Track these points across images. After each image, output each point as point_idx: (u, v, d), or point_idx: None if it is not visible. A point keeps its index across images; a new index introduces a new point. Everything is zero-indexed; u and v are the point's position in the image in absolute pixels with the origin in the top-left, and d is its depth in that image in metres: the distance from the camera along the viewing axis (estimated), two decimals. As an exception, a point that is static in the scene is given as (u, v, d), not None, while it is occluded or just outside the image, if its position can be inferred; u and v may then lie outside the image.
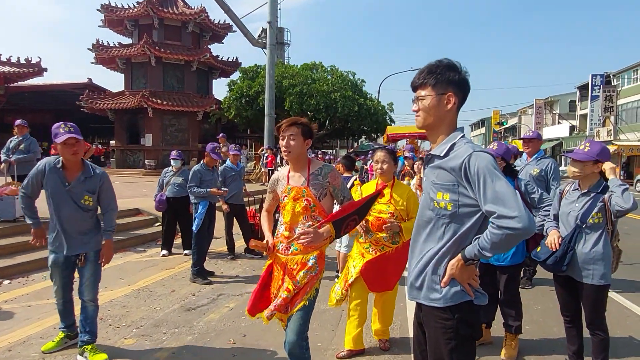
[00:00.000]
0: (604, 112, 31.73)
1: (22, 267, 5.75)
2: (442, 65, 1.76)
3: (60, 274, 3.28)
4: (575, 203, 2.92)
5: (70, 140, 3.03)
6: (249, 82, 24.09)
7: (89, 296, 3.28)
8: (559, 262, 2.89)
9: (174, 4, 22.36)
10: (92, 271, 3.27)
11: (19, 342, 3.64)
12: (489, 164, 1.63)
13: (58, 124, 3.09)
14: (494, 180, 1.60)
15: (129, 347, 3.56)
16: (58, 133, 3.03)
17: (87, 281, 3.26)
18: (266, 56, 18.48)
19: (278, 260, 2.59)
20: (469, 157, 1.66)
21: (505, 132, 56.25)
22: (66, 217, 3.16)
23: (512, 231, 1.53)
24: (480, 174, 1.62)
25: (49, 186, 3.13)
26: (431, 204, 1.78)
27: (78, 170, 3.18)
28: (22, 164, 6.97)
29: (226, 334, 3.88)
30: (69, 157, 3.09)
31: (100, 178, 3.28)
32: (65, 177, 3.14)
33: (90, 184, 3.21)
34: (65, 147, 3.04)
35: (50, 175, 3.12)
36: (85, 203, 3.19)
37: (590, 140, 2.96)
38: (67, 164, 3.14)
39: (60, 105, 25.05)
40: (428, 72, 1.78)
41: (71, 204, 3.15)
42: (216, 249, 7.11)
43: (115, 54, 21.16)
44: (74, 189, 3.15)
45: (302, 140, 2.54)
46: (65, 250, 3.20)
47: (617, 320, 4.16)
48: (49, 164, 3.14)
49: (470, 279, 1.73)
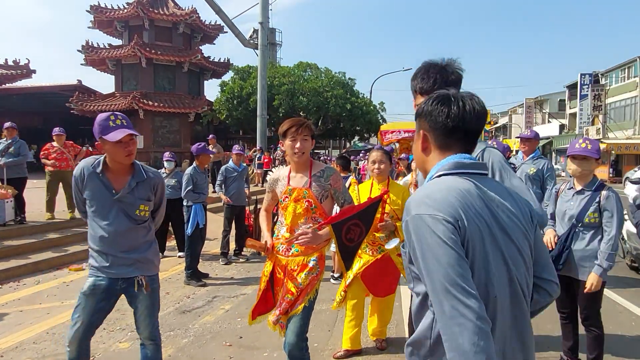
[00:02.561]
0: (592, 111, 32.13)
1: (13, 272, 5.68)
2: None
3: (94, 306, 2.40)
4: (571, 202, 2.95)
5: (127, 138, 2.33)
6: (241, 82, 24.02)
7: (146, 333, 2.52)
8: (555, 261, 2.91)
9: (164, 4, 22.21)
10: (149, 302, 2.50)
11: (11, 347, 3.59)
12: (501, 159, 1.68)
13: (106, 115, 2.34)
14: (509, 175, 1.65)
15: (124, 351, 3.53)
16: (107, 127, 2.30)
17: (142, 314, 2.50)
18: (258, 57, 18.44)
19: (278, 262, 2.58)
20: (483, 151, 1.70)
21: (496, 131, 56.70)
22: (114, 233, 2.40)
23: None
24: (495, 167, 1.66)
25: (89, 195, 2.42)
26: None
27: (127, 174, 2.45)
28: (11, 167, 6.90)
29: (222, 336, 3.86)
30: (121, 160, 2.38)
31: (155, 181, 2.55)
32: (110, 184, 2.41)
33: (144, 190, 2.49)
34: (120, 146, 2.32)
35: (90, 181, 2.40)
36: (140, 214, 2.46)
37: (587, 138, 2.99)
38: (114, 167, 2.43)
39: (49, 107, 24.75)
40: (423, 82, 1.82)
41: (121, 217, 2.41)
42: (210, 251, 7.07)
43: (105, 56, 20.96)
44: (125, 198, 2.41)
45: (311, 141, 2.54)
46: (111, 272, 2.42)
47: (611, 317, 4.20)
48: (86, 167, 2.42)
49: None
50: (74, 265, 6.23)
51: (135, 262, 2.45)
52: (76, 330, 2.37)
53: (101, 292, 2.40)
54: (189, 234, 5.63)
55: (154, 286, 2.53)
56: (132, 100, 19.43)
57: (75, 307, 2.41)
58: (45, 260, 6.17)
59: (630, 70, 30.41)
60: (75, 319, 2.38)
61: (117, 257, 2.42)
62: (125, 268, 2.43)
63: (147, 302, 2.49)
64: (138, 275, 2.44)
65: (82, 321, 2.37)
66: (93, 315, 2.40)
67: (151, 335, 2.54)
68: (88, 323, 2.39)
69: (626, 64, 30.74)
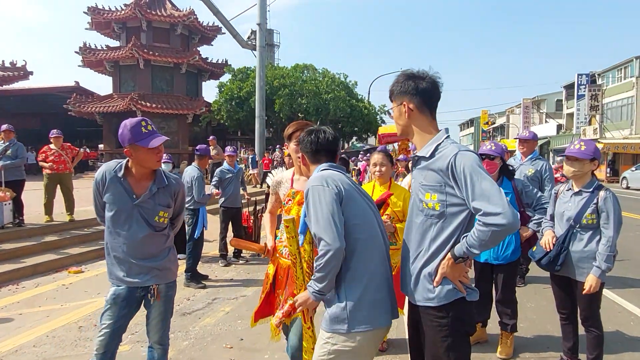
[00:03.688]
0: (589, 111, 32.24)
1: (12, 275, 5.67)
2: (400, 78, 1.89)
3: (117, 313, 2.41)
4: (569, 203, 2.96)
5: (161, 146, 2.34)
6: (239, 82, 24.00)
7: (155, 337, 2.55)
8: (553, 262, 2.93)
9: (162, 6, 22.21)
10: (163, 308, 2.53)
11: (10, 351, 3.58)
12: (474, 163, 1.68)
13: (136, 121, 2.31)
14: (480, 179, 1.65)
15: (125, 353, 3.52)
16: (140, 133, 2.27)
17: (155, 320, 2.52)
18: (256, 58, 18.44)
19: (281, 265, 2.58)
20: (455, 156, 1.71)
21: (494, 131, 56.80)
22: (133, 240, 2.39)
23: (498, 227, 1.59)
24: (466, 172, 1.67)
25: (109, 199, 2.39)
26: (420, 204, 1.82)
27: (148, 180, 2.42)
28: (9, 169, 6.88)
29: (223, 338, 3.86)
30: (152, 165, 2.37)
31: (176, 188, 2.53)
32: (131, 189, 2.38)
33: (165, 197, 2.46)
34: (153, 152, 2.31)
35: (111, 185, 2.37)
36: (159, 221, 2.45)
37: (584, 139, 3.00)
38: (137, 172, 2.39)
39: (46, 109, 24.68)
40: (391, 86, 1.92)
41: (141, 223, 2.39)
42: (209, 253, 7.07)
43: (103, 57, 20.94)
44: (145, 203, 2.39)
45: None
46: (131, 281, 2.43)
47: (609, 317, 4.21)
48: (108, 171, 2.39)
49: (461, 276, 1.78)
50: (73, 267, 6.22)
51: (152, 270, 2.44)
52: (102, 338, 2.40)
53: (122, 300, 2.42)
54: (197, 237, 5.61)
55: (169, 293, 2.55)
56: (130, 101, 19.41)
57: (102, 314, 2.44)
58: (44, 263, 6.16)
59: (627, 71, 30.53)
60: (102, 326, 2.42)
61: (135, 264, 2.41)
62: (143, 276, 2.43)
63: (162, 308, 2.52)
64: (153, 285, 2.45)
65: (107, 328, 2.40)
66: (117, 322, 2.42)
67: (161, 340, 2.56)
68: (114, 329, 2.41)
69: (623, 64, 30.86)
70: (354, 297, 1.79)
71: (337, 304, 1.82)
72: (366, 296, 1.80)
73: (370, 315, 1.80)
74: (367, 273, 1.82)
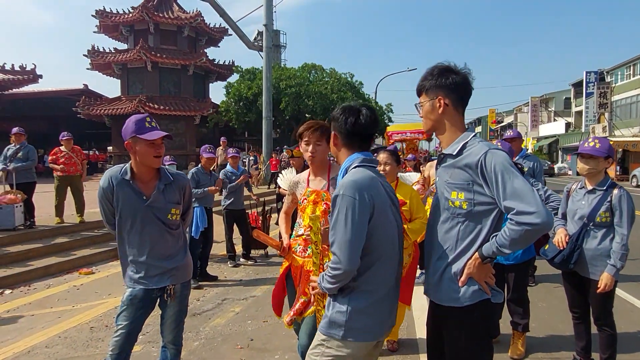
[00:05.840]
0: (598, 109, 31.90)
1: (23, 276, 5.72)
2: (434, 71, 1.82)
3: (133, 314, 2.42)
4: (582, 201, 2.93)
5: (159, 141, 2.34)
6: (248, 82, 24.04)
7: (170, 337, 2.57)
8: (566, 260, 2.90)
9: (169, 8, 22.34)
10: (178, 307, 2.55)
11: (23, 352, 3.62)
12: (505, 161, 1.64)
13: (142, 116, 2.35)
14: (512, 177, 1.61)
15: (137, 353, 3.54)
16: (143, 127, 2.31)
17: (169, 319, 2.54)
18: (262, 59, 18.48)
19: (295, 262, 2.59)
20: (485, 154, 1.67)
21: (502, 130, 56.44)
22: (149, 240, 2.41)
23: (531, 227, 1.54)
24: (497, 171, 1.63)
25: (120, 204, 2.38)
26: (446, 203, 1.78)
27: (154, 179, 2.44)
28: (20, 172, 6.96)
29: (233, 338, 3.87)
30: (150, 162, 2.36)
31: (182, 182, 2.55)
32: (140, 190, 2.39)
33: (173, 193, 2.48)
34: (152, 147, 2.32)
35: (120, 189, 2.36)
36: (172, 218, 2.46)
37: (598, 137, 2.97)
38: (140, 173, 2.40)
39: (56, 111, 24.93)
40: (423, 79, 1.86)
41: (155, 222, 2.40)
42: (218, 254, 7.09)
43: (111, 60, 21.11)
44: (156, 202, 2.40)
45: (327, 145, 2.50)
46: (147, 282, 2.43)
47: (621, 315, 4.15)
48: (114, 176, 2.37)
49: (487, 277, 1.74)
50: (84, 268, 6.28)
51: (169, 270, 2.46)
52: (118, 338, 2.40)
53: (138, 302, 2.43)
54: (196, 237, 5.62)
55: (185, 292, 2.57)
56: (138, 103, 19.54)
57: (118, 315, 2.45)
58: (55, 264, 6.22)
59: (636, 68, 30.19)
60: (117, 327, 2.42)
61: (152, 265, 2.42)
62: (159, 277, 2.45)
63: (177, 308, 2.54)
64: (170, 285, 2.47)
65: (123, 329, 2.40)
66: (132, 323, 2.43)
67: (174, 340, 2.59)
68: (129, 330, 2.42)
69: (631, 61, 30.51)
70: (357, 307, 1.76)
71: (339, 308, 1.78)
72: (369, 309, 1.77)
73: (367, 327, 1.77)
74: (377, 289, 1.78)
